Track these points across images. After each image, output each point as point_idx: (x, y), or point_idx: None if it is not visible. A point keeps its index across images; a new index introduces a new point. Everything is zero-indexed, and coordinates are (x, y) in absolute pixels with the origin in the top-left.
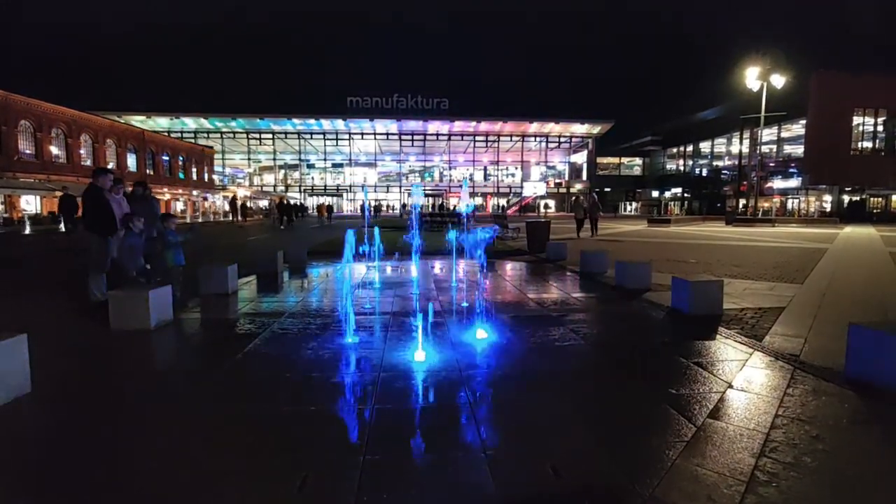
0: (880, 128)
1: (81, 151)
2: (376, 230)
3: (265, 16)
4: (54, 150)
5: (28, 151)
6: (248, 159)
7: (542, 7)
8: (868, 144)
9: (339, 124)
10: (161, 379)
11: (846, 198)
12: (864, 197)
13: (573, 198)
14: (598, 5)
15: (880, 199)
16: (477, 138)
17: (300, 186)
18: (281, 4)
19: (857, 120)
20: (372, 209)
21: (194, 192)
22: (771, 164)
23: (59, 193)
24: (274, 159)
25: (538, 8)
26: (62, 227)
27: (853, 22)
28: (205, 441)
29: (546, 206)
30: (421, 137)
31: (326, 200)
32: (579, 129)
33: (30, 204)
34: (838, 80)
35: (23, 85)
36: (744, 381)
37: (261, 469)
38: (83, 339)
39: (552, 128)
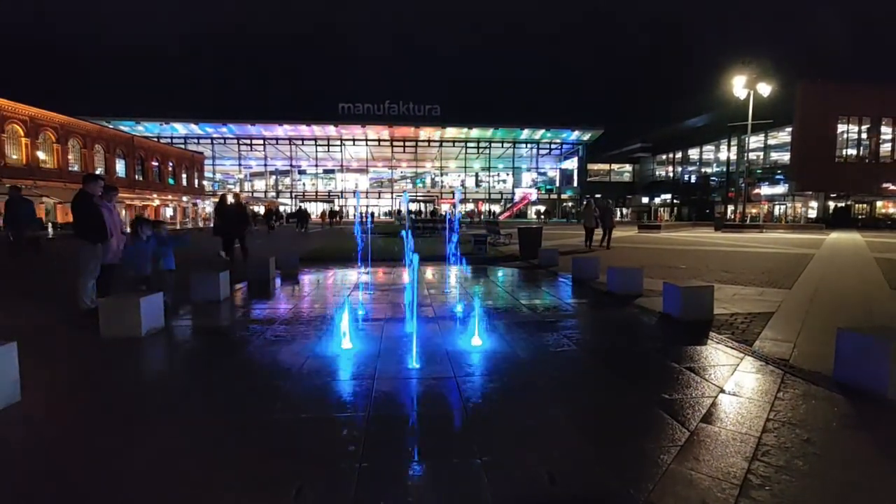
0: (864, 136)
1: (69, 157)
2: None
3: (256, 22)
4: (42, 155)
5: (15, 156)
6: (239, 165)
7: (534, 15)
8: (852, 152)
9: (331, 130)
10: (151, 388)
11: (832, 204)
12: (849, 203)
13: (583, 203)
14: (589, 14)
15: (865, 205)
16: (468, 144)
17: (291, 192)
18: (273, 11)
19: (841, 128)
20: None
21: (184, 198)
22: (758, 171)
23: (46, 199)
24: (265, 165)
25: (530, 16)
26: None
27: (837, 32)
28: (197, 450)
29: (539, 213)
30: (412, 144)
31: (328, 206)
32: (570, 135)
33: None
34: (823, 90)
35: (10, 89)
36: (735, 385)
37: (255, 479)
38: (73, 347)
39: (543, 134)
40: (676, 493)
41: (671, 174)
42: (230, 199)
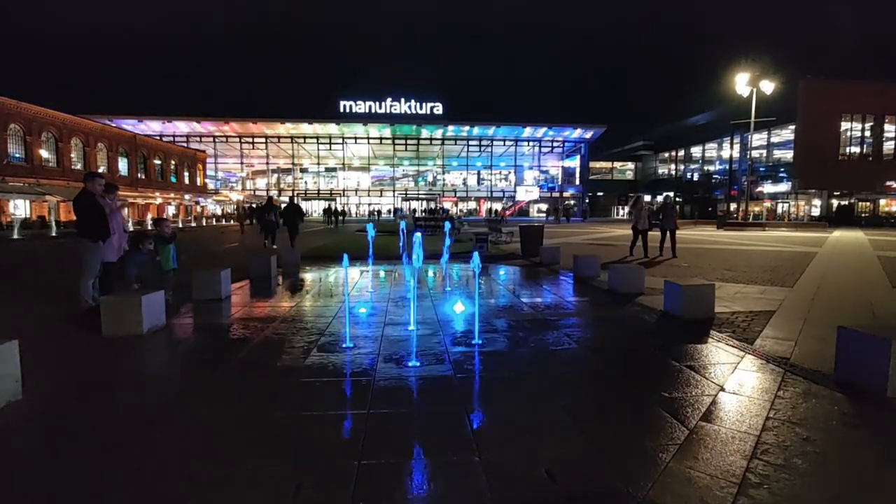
0: (867, 133)
1: (72, 155)
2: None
3: (257, 20)
4: (44, 153)
5: (17, 155)
6: (241, 163)
7: (535, 13)
8: (856, 150)
9: (333, 128)
10: (153, 386)
11: (835, 202)
12: (852, 201)
13: (631, 201)
14: (591, 12)
15: (868, 203)
16: (470, 142)
17: (293, 190)
18: (276, 9)
19: (844, 126)
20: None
21: (186, 196)
22: (761, 169)
23: (48, 198)
24: (267, 163)
25: (531, 14)
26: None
27: (840, 29)
28: (198, 448)
29: (540, 211)
30: (414, 142)
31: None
32: (572, 133)
33: (18, 208)
34: (826, 87)
35: (13, 88)
36: (735, 383)
37: (255, 476)
38: (74, 345)
39: (545, 132)
40: (675, 492)
41: (673, 172)
42: (275, 199)
